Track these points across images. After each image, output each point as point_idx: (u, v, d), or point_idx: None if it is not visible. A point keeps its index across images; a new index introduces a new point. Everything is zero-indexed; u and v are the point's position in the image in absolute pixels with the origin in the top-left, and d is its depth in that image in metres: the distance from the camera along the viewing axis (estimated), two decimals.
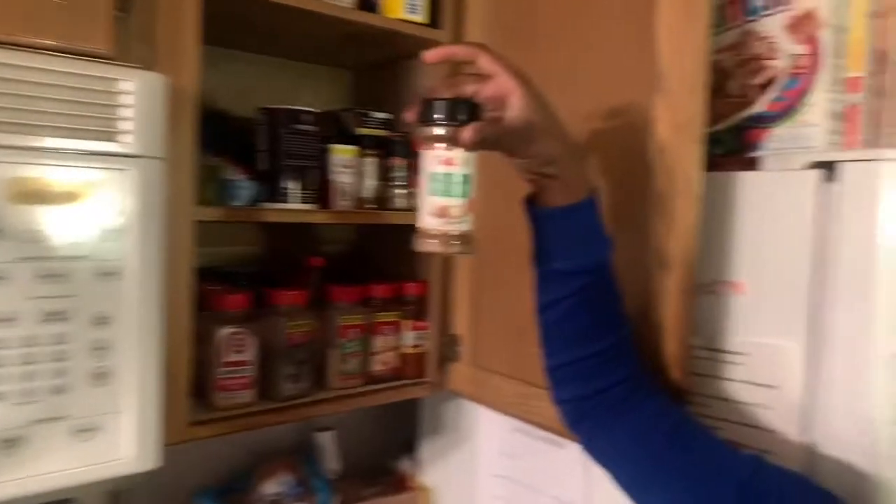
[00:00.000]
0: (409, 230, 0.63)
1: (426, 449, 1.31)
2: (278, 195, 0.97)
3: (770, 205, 0.78)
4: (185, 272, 0.82)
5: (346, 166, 1.05)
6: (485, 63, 0.63)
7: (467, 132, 0.59)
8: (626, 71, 0.81)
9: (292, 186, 0.97)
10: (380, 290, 1.07)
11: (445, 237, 0.61)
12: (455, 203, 0.60)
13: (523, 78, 0.62)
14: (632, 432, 0.66)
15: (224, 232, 1.14)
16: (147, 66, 0.72)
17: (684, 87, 0.74)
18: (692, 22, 0.73)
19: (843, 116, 0.83)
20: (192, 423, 0.85)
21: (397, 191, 1.10)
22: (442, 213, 0.60)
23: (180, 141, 0.79)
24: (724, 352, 0.81)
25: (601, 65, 0.84)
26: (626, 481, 0.67)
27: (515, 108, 0.61)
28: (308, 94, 1.28)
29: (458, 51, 0.67)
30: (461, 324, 1.06)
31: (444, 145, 0.60)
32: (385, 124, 1.16)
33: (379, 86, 1.27)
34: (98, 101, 0.66)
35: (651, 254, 0.77)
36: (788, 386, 0.75)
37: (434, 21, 1.05)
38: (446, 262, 1.06)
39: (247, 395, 0.92)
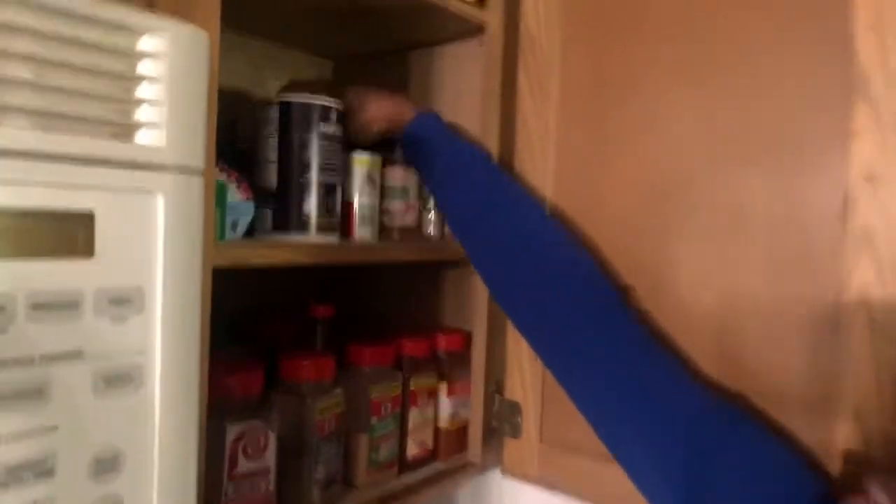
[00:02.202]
0: (443, 268, 0.42)
1: None
2: (295, 223, 0.69)
3: None
4: (203, 351, 0.52)
5: (368, 183, 0.78)
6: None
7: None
8: (808, 72, 0.63)
9: (312, 211, 0.69)
10: (413, 348, 0.81)
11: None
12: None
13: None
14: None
15: None
16: None
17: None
18: None
19: None
20: None
21: (428, 215, 0.85)
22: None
23: None
24: None
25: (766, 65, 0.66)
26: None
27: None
28: (271, 84, 0.98)
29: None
30: (518, 386, 0.82)
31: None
32: None
33: (370, 82, 1.00)
34: (106, 69, 0.36)
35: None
36: None
37: None
38: (493, 306, 0.83)
39: None
